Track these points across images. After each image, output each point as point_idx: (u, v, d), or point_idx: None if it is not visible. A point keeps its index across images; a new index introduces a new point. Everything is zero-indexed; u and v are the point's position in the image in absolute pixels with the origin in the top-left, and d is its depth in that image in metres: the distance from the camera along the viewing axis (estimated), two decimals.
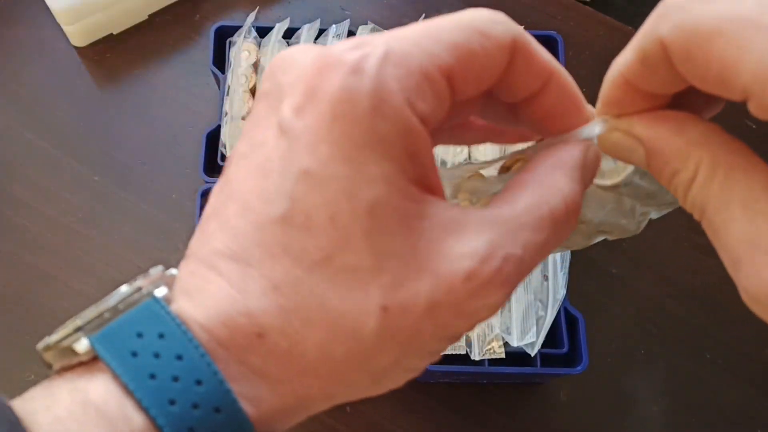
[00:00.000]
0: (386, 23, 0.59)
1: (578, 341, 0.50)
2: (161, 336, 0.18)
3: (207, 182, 0.54)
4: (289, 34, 0.58)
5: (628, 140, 0.21)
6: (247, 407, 0.18)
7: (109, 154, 0.62)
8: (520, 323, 0.51)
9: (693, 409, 0.56)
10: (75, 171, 0.61)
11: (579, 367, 0.49)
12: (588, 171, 0.21)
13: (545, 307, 0.51)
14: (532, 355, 0.50)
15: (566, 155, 0.21)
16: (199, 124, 0.63)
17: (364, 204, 0.18)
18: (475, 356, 0.50)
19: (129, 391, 0.18)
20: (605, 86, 0.21)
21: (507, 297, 0.19)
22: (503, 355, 0.50)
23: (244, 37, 0.57)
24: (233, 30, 0.58)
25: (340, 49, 0.18)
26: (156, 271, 0.20)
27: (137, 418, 0.17)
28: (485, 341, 0.50)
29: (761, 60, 0.16)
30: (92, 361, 0.18)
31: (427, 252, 0.18)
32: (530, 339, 0.50)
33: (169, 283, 0.20)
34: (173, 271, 0.20)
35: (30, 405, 0.18)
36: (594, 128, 0.21)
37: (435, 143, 0.21)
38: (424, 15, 0.58)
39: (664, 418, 0.56)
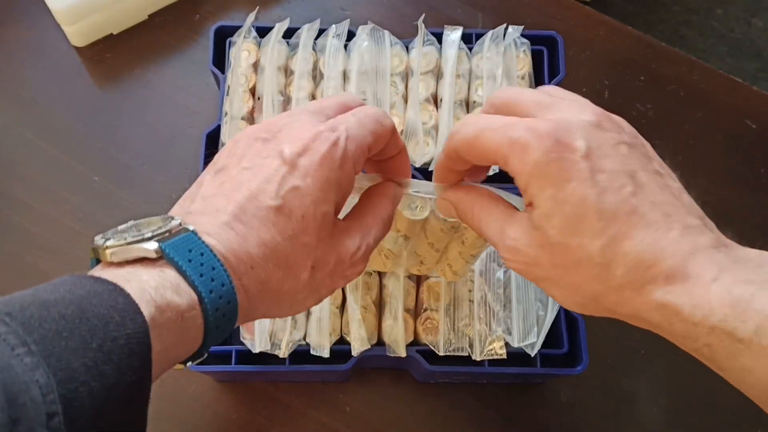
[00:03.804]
0: (386, 23, 0.59)
1: (578, 341, 0.50)
2: (202, 254, 0.30)
3: None
4: (289, 34, 0.58)
5: (447, 203, 0.39)
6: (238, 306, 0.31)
7: (109, 154, 0.62)
8: (521, 324, 0.51)
9: (693, 409, 0.56)
10: (75, 171, 0.61)
11: (579, 367, 0.49)
12: (396, 200, 0.39)
13: (545, 307, 0.51)
14: (532, 355, 0.50)
15: (389, 191, 0.39)
16: (199, 124, 0.63)
17: (320, 213, 0.33)
18: (477, 357, 0.50)
19: (188, 280, 0.29)
20: (436, 170, 0.39)
21: (364, 267, 0.37)
22: (505, 356, 0.50)
23: (244, 37, 0.57)
24: (233, 30, 0.58)
25: (326, 131, 0.34)
26: (177, 220, 0.31)
27: (192, 296, 0.29)
28: (486, 342, 0.50)
29: (493, 146, 0.34)
30: (155, 259, 0.29)
31: (336, 242, 0.35)
32: (531, 340, 0.50)
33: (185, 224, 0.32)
34: (176, 221, 0.32)
35: (111, 278, 0.28)
36: (436, 191, 0.40)
37: None
38: (424, 15, 0.58)
39: (664, 418, 0.56)
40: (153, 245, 0.29)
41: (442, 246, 0.45)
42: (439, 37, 0.58)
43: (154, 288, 0.28)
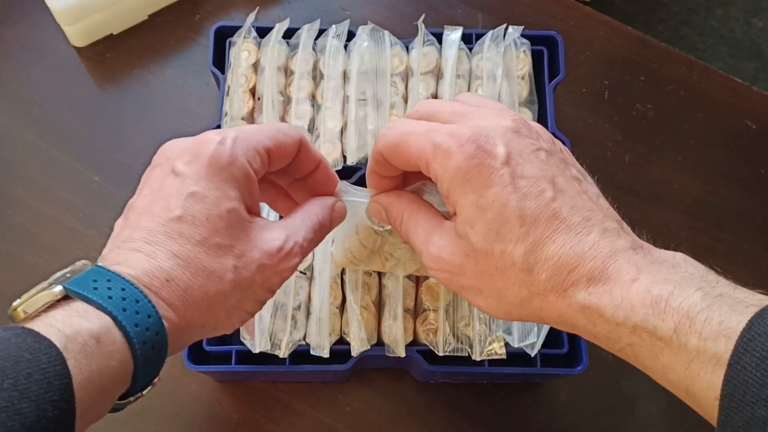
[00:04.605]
0: (386, 23, 0.59)
1: (578, 341, 0.50)
2: (109, 280, 0.30)
3: None
4: (289, 34, 0.58)
5: (379, 206, 0.40)
6: (164, 320, 0.31)
7: (109, 154, 0.62)
8: (521, 324, 0.51)
9: (692, 410, 0.56)
10: (75, 171, 0.61)
11: (579, 367, 0.49)
12: (335, 211, 0.40)
13: None
14: (532, 355, 0.50)
15: (327, 202, 0.40)
16: (199, 124, 0.63)
17: (224, 210, 0.33)
18: (476, 357, 0.50)
19: (95, 305, 0.29)
20: (367, 175, 0.40)
21: (298, 263, 0.36)
22: (504, 356, 0.50)
23: (244, 37, 0.57)
24: (233, 30, 0.58)
25: (212, 134, 0.35)
26: (83, 261, 0.32)
27: (104, 317, 0.29)
28: (486, 342, 0.50)
29: (415, 150, 0.35)
30: (62, 300, 0.30)
31: (256, 238, 0.34)
32: (531, 340, 0.50)
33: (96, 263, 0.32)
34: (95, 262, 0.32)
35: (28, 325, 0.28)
36: (367, 196, 0.42)
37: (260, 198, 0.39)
38: (424, 15, 0.58)
39: (664, 418, 0.56)
40: (57, 288, 0.30)
41: None
42: (439, 38, 0.58)
43: (60, 320, 0.28)
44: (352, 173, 0.54)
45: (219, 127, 0.55)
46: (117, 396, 0.31)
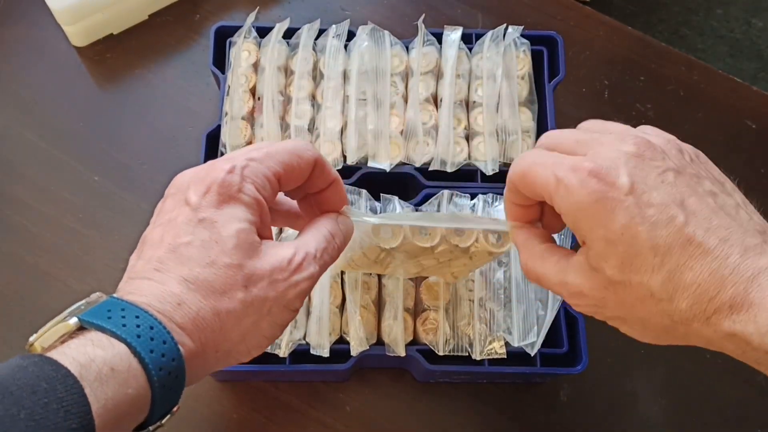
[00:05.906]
0: (386, 23, 0.59)
1: (578, 341, 0.50)
2: (123, 309, 0.30)
3: None
4: (289, 34, 0.58)
5: (511, 236, 0.40)
6: (179, 346, 0.31)
7: (109, 154, 0.62)
8: (521, 323, 0.51)
9: (693, 409, 0.56)
10: (75, 171, 0.61)
11: (579, 367, 0.49)
12: (341, 223, 0.40)
13: (545, 307, 0.51)
14: (532, 354, 0.50)
15: (332, 217, 0.40)
16: (199, 124, 0.63)
17: (233, 231, 0.33)
18: (476, 356, 0.50)
19: (109, 333, 0.29)
20: (505, 204, 0.41)
21: (315, 274, 0.36)
22: (505, 356, 0.50)
23: (244, 37, 0.57)
24: (233, 30, 0.58)
25: (221, 163, 0.35)
26: (97, 294, 0.32)
27: (119, 346, 0.29)
28: (486, 341, 0.50)
29: (540, 182, 0.34)
30: (78, 332, 0.30)
31: (266, 256, 0.34)
32: (531, 339, 0.50)
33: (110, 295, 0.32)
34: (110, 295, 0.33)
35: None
36: (505, 226, 0.41)
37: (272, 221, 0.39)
38: (424, 15, 0.58)
39: (664, 418, 0.56)
40: (73, 320, 0.30)
41: (447, 260, 0.45)
42: (439, 37, 0.58)
43: (74, 348, 0.29)
44: (352, 173, 0.54)
45: (219, 127, 0.55)
46: (134, 426, 0.31)
